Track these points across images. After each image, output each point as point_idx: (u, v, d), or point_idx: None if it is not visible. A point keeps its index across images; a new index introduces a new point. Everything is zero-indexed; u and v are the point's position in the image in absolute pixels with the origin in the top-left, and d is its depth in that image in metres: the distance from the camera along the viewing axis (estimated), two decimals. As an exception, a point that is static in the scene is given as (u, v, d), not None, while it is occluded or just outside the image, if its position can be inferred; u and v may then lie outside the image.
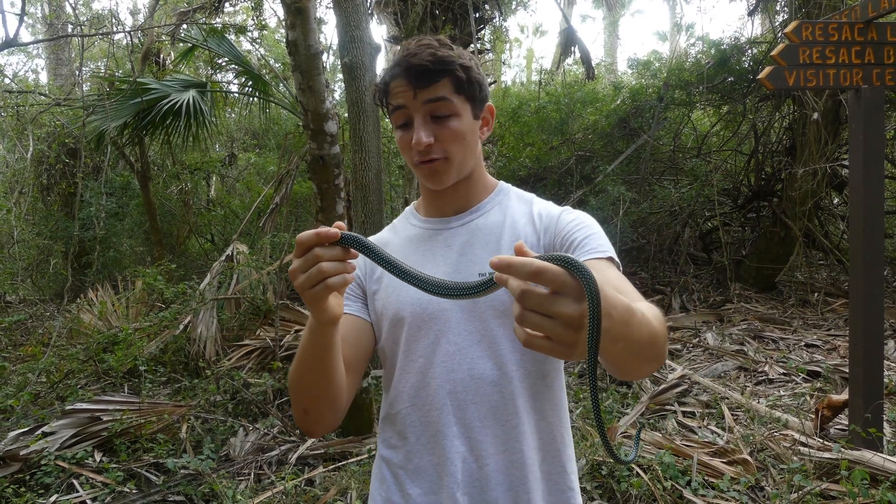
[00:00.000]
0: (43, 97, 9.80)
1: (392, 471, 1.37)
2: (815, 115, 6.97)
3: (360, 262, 1.44)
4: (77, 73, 10.96)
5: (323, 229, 0.99)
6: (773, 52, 3.78)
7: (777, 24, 8.75)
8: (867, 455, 3.46)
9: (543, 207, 1.43)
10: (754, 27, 10.64)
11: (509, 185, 1.50)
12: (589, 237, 1.28)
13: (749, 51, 9.25)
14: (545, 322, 0.76)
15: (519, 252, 0.80)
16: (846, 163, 7.84)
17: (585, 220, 1.35)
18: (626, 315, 0.84)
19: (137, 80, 7.18)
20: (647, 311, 0.98)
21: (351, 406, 1.46)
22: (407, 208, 1.56)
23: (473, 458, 1.29)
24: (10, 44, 5.66)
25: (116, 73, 9.86)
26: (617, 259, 1.26)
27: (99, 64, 13.82)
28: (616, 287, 1.10)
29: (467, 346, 1.30)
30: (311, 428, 1.31)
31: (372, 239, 1.45)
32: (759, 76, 3.78)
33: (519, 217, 1.40)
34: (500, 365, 1.30)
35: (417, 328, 1.33)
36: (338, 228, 1.00)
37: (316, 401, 1.25)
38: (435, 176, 1.33)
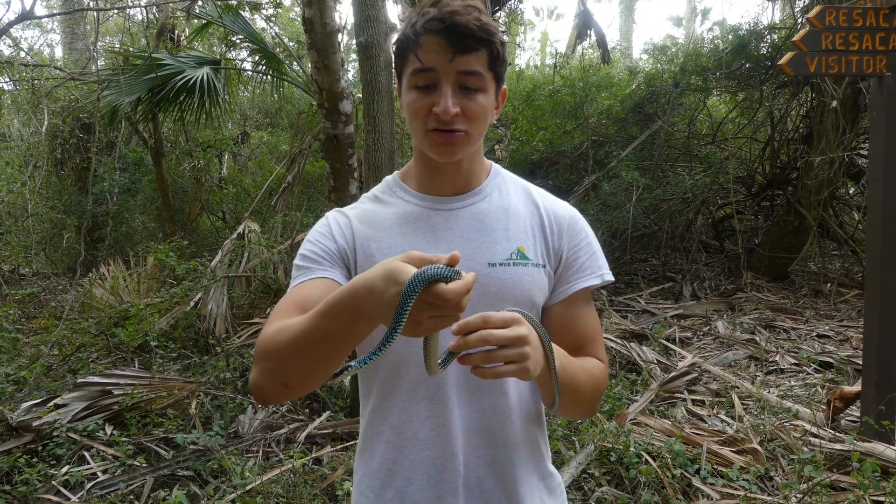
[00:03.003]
0: (58, 71, 9.80)
1: (385, 467, 1.31)
2: (834, 103, 6.89)
3: (348, 234, 1.33)
4: (92, 47, 10.94)
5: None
6: (794, 38, 3.72)
7: (797, 9, 8.61)
8: (879, 447, 3.45)
9: (548, 202, 1.39)
10: (774, 13, 10.49)
11: (499, 165, 1.45)
12: (590, 258, 1.36)
13: (768, 37, 9.12)
14: (505, 352, 1.00)
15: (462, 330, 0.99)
16: (864, 152, 7.77)
17: (588, 234, 1.39)
18: (571, 375, 1.22)
19: (152, 55, 7.17)
20: (595, 368, 1.31)
21: (359, 387, 1.43)
22: (388, 178, 1.44)
23: (471, 449, 1.28)
24: (26, 17, 5.66)
25: (131, 49, 9.84)
26: (609, 276, 1.37)
27: (114, 39, 13.83)
28: (582, 330, 1.35)
29: None
30: (278, 399, 1.20)
31: (354, 210, 1.39)
32: (780, 62, 3.72)
33: (521, 205, 1.37)
34: None
35: None
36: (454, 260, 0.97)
37: (307, 381, 1.16)
38: (448, 148, 1.24)
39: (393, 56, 1.31)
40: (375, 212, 1.37)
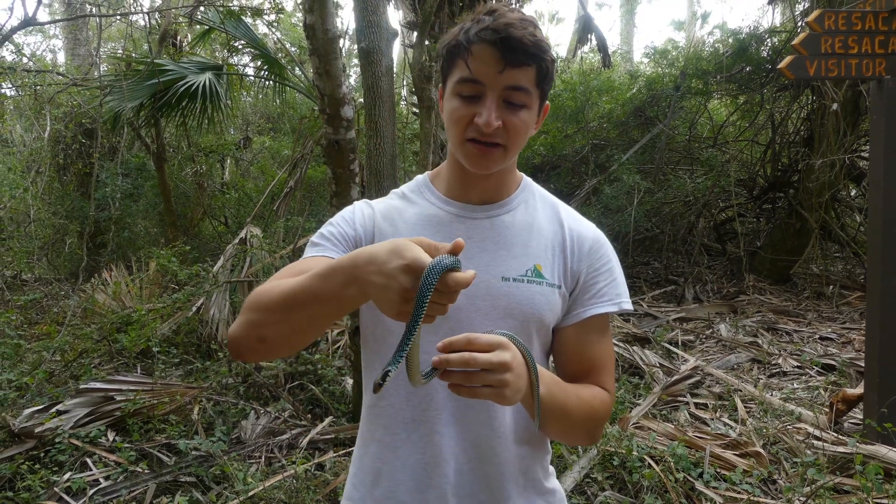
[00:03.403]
0: (60, 77, 9.82)
1: (375, 466, 1.32)
2: (835, 106, 6.89)
3: (369, 225, 1.35)
4: (94, 53, 10.98)
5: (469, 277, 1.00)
6: (794, 42, 3.73)
7: (797, 13, 8.62)
8: (882, 450, 3.44)
9: (574, 223, 1.37)
10: (774, 16, 10.50)
11: (530, 179, 1.44)
12: (609, 284, 1.33)
13: (768, 40, 9.13)
14: (485, 375, 1.00)
15: (446, 348, 1.01)
16: (865, 154, 7.76)
17: (611, 260, 1.36)
18: (562, 401, 1.20)
19: (154, 61, 7.19)
20: (595, 398, 1.27)
21: (361, 392, 1.44)
22: (420, 178, 1.43)
23: (465, 459, 1.27)
24: (29, 23, 5.68)
25: (134, 54, 9.86)
26: (627, 305, 1.34)
27: (116, 45, 13.86)
28: (592, 357, 1.32)
29: None
30: (252, 355, 1.21)
31: (380, 203, 1.40)
32: (780, 66, 3.73)
33: (545, 223, 1.35)
34: None
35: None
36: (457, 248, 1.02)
37: (289, 343, 1.19)
38: (484, 161, 1.23)
39: (440, 57, 1.28)
40: (400, 210, 1.37)
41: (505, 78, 1.17)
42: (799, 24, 8.28)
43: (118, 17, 11.36)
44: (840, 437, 3.91)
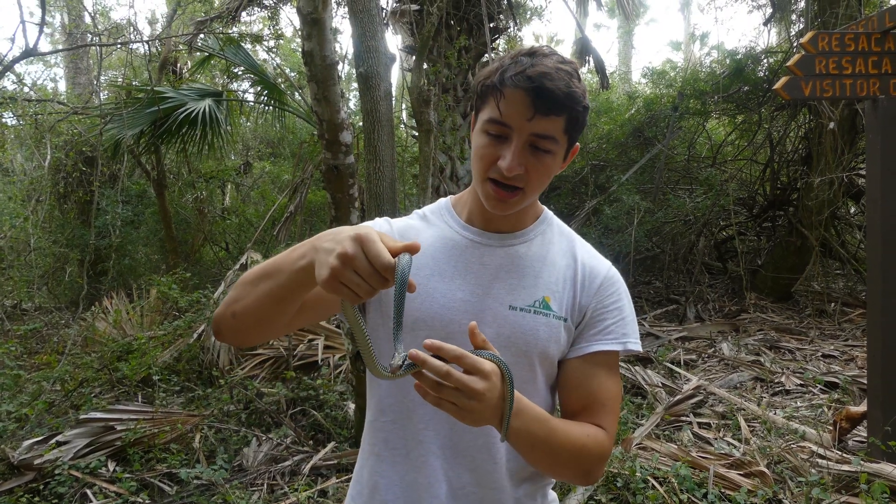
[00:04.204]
0: (61, 105, 9.90)
1: (373, 479, 1.33)
2: (832, 125, 6.93)
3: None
4: (95, 81, 11.08)
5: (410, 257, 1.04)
6: (789, 63, 3.76)
7: (793, 33, 8.70)
8: (887, 468, 3.41)
9: (588, 257, 1.37)
10: (770, 37, 10.60)
11: (551, 212, 1.44)
12: (617, 323, 1.32)
13: (764, 60, 9.21)
14: (454, 393, 1.01)
15: (471, 331, 1.07)
16: (863, 172, 7.78)
17: (622, 298, 1.35)
18: (544, 435, 1.16)
19: (154, 88, 7.25)
20: (589, 437, 1.23)
21: (364, 417, 1.44)
22: (442, 201, 1.45)
23: (459, 483, 1.28)
24: (30, 53, 5.74)
25: (134, 82, 9.95)
26: (634, 346, 1.32)
27: (116, 73, 13.97)
28: (592, 393, 1.29)
29: None
30: (226, 332, 1.26)
31: (400, 222, 1.43)
32: (776, 86, 3.76)
33: (559, 256, 1.35)
34: None
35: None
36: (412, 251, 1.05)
37: (253, 319, 1.21)
38: (501, 205, 1.25)
39: (475, 92, 1.30)
40: (418, 230, 1.39)
41: (533, 125, 1.18)
42: (794, 44, 8.36)
43: (118, 46, 11.47)
44: (844, 455, 3.88)
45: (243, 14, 9.88)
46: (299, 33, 4.24)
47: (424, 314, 1.26)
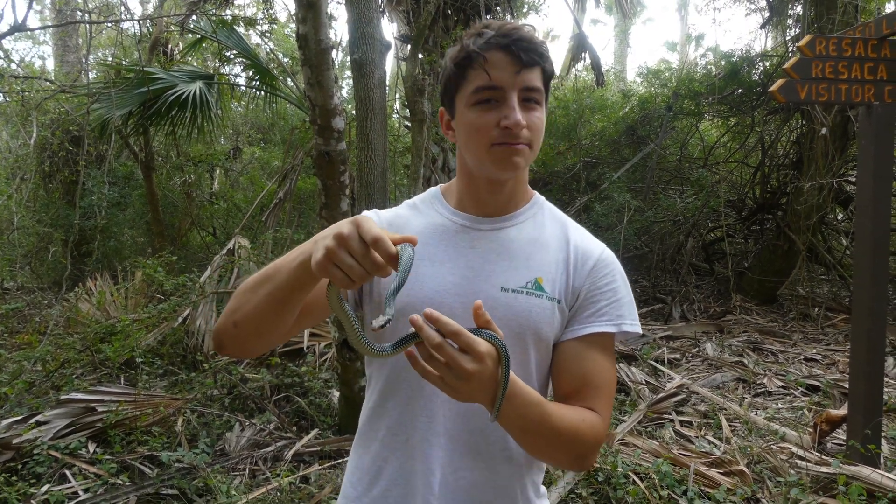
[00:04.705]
0: (48, 83, 9.77)
1: (377, 465, 1.33)
2: (824, 130, 6.96)
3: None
4: (84, 60, 10.94)
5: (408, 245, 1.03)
6: (785, 66, 3.76)
7: (789, 38, 8.73)
8: (865, 471, 3.44)
9: (580, 239, 1.37)
10: (766, 40, 10.63)
11: (543, 197, 1.44)
12: (612, 304, 1.30)
13: (760, 63, 9.23)
14: (443, 368, 1.01)
15: (476, 310, 1.06)
16: (852, 179, 7.84)
17: (616, 279, 1.34)
18: (537, 419, 1.14)
19: (144, 69, 7.17)
20: (583, 421, 1.21)
21: (348, 405, 1.44)
22: (432, 190, 1.45)
23: (451, 470, 1.27)
24: (18, 28, 5.65)
25: (123, 62, 9.83)
26: (630, 328, 1.31)
27: (106, 52, 13.82)
28: (585, 375, 1.27)
29: None
30: (229, 344, 1.26)
31: (388, 213, 1.43)
32: (771, 89, 3.75)
33: (551, 239, 1.35)
34: None
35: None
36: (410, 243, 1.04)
37: (254, 326, 1.20)
38: (515, 159, 1.23)
39: (444, 80, 1.29)
40: (407, 219, 1.39)
41: (521, 79, 1.21)
42: (790, 48, 8.38)
43: (109, 25, 11.33)
44: (823, 457, 3.92)
45: (237, -3, 9.80)
46: (294, 17, 4.21)
47: (415, 299, 1.25)
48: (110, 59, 12.03)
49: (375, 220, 1.37)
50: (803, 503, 3.19)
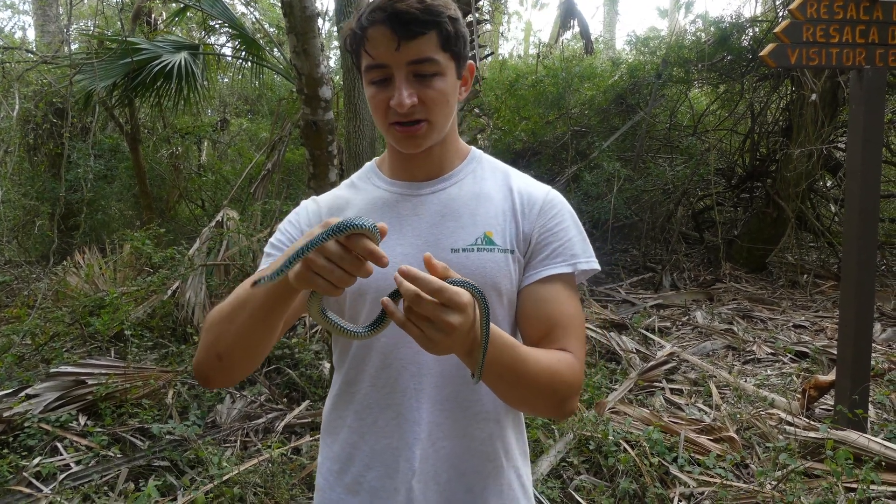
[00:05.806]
0: (30, 54, 9.60)
1: (346, 452, 1.31)
2: (813, 97, 6.94)
3: (316, 221, 1.33)
4: (65, 30, 10.75)
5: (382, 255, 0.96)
6: (776, 29, 3.73)
7: (778, 2, 8.65)
8: (852, 435, 3.48)
9: (524, 186, 1.34)
10: (756, 6, 10.53)
11: (480, 151, 1.41)
12: (564, 245, 1.28)
13: (749, 29, 9.16)
14: (424, 322, 0.96)
15: (427, 264, 0.99)
16: (842, 145, 7.84)
17: (565, 219, 1.31)
18: (511, 361, 1.11)
19: (127, 39, 7.04)
20: (560, 361, 1.18)
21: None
22: (367, 164, 1.43)
23: (430, 442, 1.26)
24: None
25: (106, 32, 9.66)
26: (587, 265, 1.28)
27: (88, 22, 13.57)
28: (550, 317, 1.24)
29: None
30: (216, 376, 1.22)
31: (327, 196, 1.41)
32: (762, 53, 3.72)
33: (494, 191, 1.32)
34: None
35: None
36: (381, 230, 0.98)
37: (242, 351, 1.17)
38: (412, 140, 1.22)
39: (348, 47, 1.25)
40: (347, 198, 1.37)
41: (403, 54, 1.15)
42: (780, 13, 8.31)
43: (92, -6, 11.12)
44: (811, 422, 3.96)
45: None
46: (279, -16, 4.13)
47: (367, 281, 1.16)
48: (92, 28, 11.81)
49: (314, 207, 1.37)
50: (791, 468, 3.23)
